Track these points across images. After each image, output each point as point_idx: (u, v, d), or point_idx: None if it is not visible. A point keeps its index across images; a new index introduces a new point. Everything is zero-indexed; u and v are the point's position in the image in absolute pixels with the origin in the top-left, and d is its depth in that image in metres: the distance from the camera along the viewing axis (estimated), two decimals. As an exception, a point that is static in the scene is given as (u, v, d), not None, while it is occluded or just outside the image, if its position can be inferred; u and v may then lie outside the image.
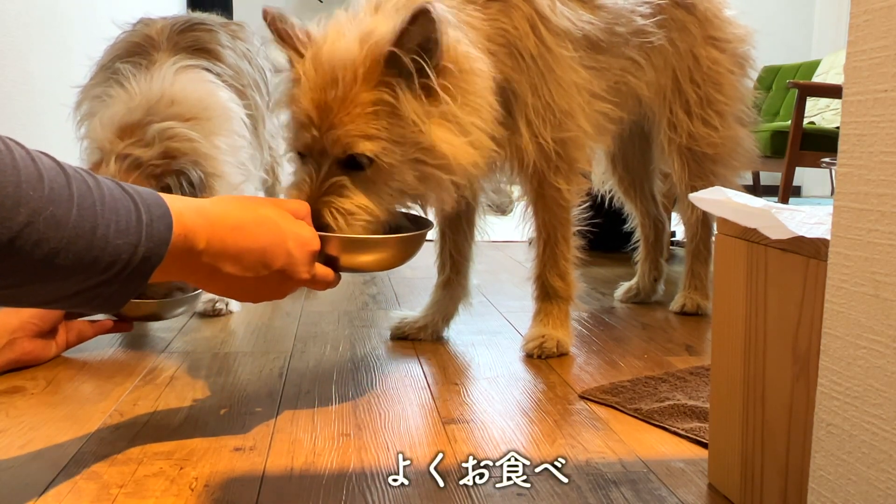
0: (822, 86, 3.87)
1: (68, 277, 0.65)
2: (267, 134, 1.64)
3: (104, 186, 0.68)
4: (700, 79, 1.49)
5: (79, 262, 0.64)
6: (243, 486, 0.78)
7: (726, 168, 1.55)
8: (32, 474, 0.80)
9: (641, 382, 1.10)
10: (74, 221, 0.63)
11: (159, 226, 0.71)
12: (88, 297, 0.68)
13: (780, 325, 0.67)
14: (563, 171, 1.26)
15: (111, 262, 0.66)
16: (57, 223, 0.62)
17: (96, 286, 0.67)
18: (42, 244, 0.61)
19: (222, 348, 1.29)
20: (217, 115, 1.37)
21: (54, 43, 2.23)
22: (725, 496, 0.77)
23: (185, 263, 0.76)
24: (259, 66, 1.64)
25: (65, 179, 0.64)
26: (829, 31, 5.46)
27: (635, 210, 1.74)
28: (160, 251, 0.71)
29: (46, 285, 0.65)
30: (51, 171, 0.63)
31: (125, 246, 0.67)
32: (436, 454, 0.86)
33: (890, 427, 0.46)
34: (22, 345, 1.14)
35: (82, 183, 0.65)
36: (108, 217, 0.66)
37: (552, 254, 1.30)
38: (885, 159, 0.45)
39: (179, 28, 1.46)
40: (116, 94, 1.32)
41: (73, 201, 0.63)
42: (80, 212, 0.64)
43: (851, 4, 0.47)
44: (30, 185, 0.60)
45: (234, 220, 0.81)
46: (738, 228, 0.72)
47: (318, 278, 0.91)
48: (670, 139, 1.51)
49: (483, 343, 1.35)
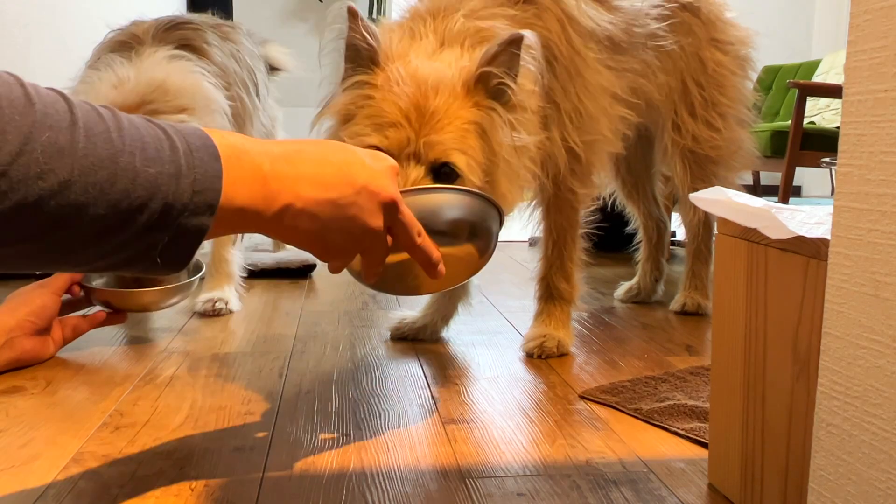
0: (822, 86, 3.87)
1: (100, 220, 0.54)
2: (255, 133, 1.65)
3: (119, 114, 0.57)
4: (704, 81, 1.50)
5: (104, 198, 0.53)
6: (243, 486, 0.78)
7: (727, 170, 1.56)
8: (32, 474, 0.80)
9: (641, 382, 1.10)
10: (84, 148, 0.52)
11: (202, 154, 0.59)
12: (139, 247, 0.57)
13: (780, 325, 0.67)
14: (578, 175, 1.27)
15: (147, 197, 0.55)
16: (60, 150, 0.51)
17: (144, 233, 0.56)
18: (47, 175, 0.50)
19: (222, 348, 1.29)
20: (204, 105, 1.38)
21: (54, 43, 2.23)
22: (725, 496, 0.77)
23: (252, 195, 0.62)
24: (249, 67, 1.64)
25: (65, 105, 0.53)
26: (829, 31, 5.46)
27: (637, 212, 1.75)
28: (213, 184, 0.59)
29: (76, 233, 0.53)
30: (46, 97, 0.53)
31: (162, 177, 0.56)
32: (436, 454, 0.86)
33: (890, 427, 0.46)
34: (21, 343, 1.14)
35: (90, 111, 0.55)
36: (130, 144, 0.55)
37: (559, 255, 1.30)
38: (885, 159, 0.45)
39: (165, 27, 1.47)
40: (103, 76, 1.33)
41: (77, 126, 0.53)
42: (91, 138, 0.53)
43: (851, 4, 0.47)
44: (14, 108, 0.50)
45: (294, 144, 0.69)
46: (738, 228, 0.72)
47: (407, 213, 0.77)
48: (674, 141, 1.52)
49: (483, 343, 1.35)
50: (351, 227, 0.70)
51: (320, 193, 0.67)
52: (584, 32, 1.22)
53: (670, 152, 1.53)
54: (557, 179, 1.26)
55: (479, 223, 0.93)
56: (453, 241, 0.89)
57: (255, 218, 0.64)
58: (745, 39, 1.57)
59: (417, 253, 0.80)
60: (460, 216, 0.91)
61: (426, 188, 0.92)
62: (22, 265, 0.55)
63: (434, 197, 0.90)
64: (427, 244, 0.80)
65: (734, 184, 1.58)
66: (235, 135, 0.65)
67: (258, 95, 1.67)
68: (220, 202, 0.59)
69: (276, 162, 0.65)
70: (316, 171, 0.67)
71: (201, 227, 0.59)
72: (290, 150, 0.67)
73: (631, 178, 1.72)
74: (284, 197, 0.65)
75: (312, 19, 5.81)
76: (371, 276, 0.80)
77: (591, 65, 1.24)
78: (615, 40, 1.29)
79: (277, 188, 0.64)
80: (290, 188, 0.65)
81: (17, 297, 1.19)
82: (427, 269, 0.82)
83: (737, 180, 1.61)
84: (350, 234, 0.71)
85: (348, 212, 0.69)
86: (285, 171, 0.65)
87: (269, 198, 0.64)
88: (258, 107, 1.67)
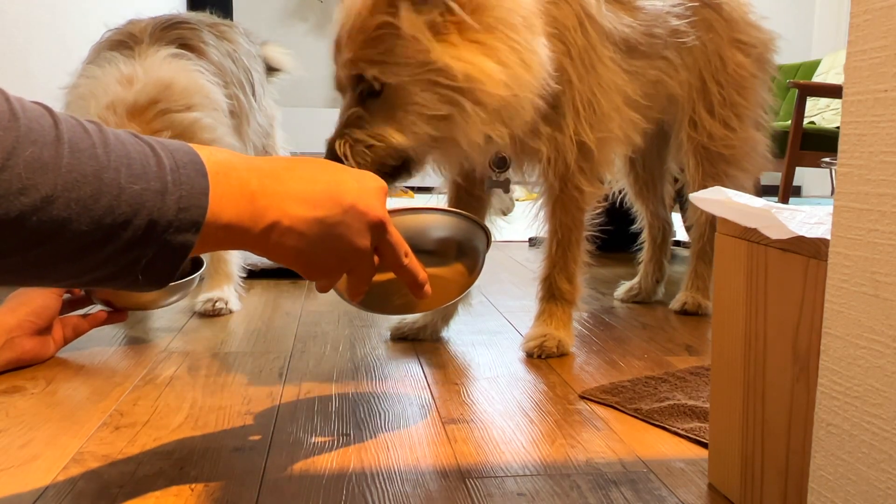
0: (822, 86, 3.87)
1: (83, 236, 0.54)
2: (252, 132, 1.65)
3: (106, 130, 0.57)
4: (724, 80, 1.51)
5: (87, 214, 0.53)
6: (243, 486, 0.78)
7: (739, 170, 1.56)
8: (32, 474, 0.80)
9: (641, 382, 1.10)
10: (68, 164, 0.52)
11: (188, 171, 0.59)
12: (122, 263, 0.57)
13: (780, 325, 0.67)
14: (586, 173, 1.26)
15: (132, 213, 0.55)
16: (43, 165, 0.51)
17: (127, 249, 0.56)
18: (29, 191, 0.50)
19: (222, 348, 1.29)
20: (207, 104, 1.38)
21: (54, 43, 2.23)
22: (725, 496, 0.77)
23: (239, 212, 0.62)
24: (245, 66, 1.64)
25: (51, 120, 0.53)
26: (829, 31, 5.46)
27: (645, 211, 1.75)
28: (199, 201, 0.59)
29: (59, 249, 0.53)
30: (31, 112, 0.52)
31: (148, 193, 0.56)
32: (436, 454, 0.86)
33: (890, 427, 0.46)
34: (21, 343, 1.14)
35: (76, 126, 0.55)
36: (115, 161, 0.55)
37: (563, 256, 1.30)
38: (885, 159, 0.45)
39: (162, 26, 1.48)
40: (107, 71, 1.33)
41: (61, 141, 0.53)
42: (75, 153, 0.53)
43: (851, 4, 0.47)
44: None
45: (283, 161, 0.68)
46: (738, 228, 0.72)
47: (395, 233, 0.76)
48: (690, 137, 1.53)
49: (483, 343, 1.35)
50: (338, 246, 0.70)
51: (308, 212, 0.67)
52: (601, 31, 1.22)
53: (685, 148, 1.54)
54: (565, 177, 1.25)
55: (466, 243, 0.93)
56: (441, 261, 0.90)
57: (242, 235, 0.64)
58: (767, 42, 1.57)
59: (404, 274, 0.80)
60: (448, 235, 0.91)
61: (414, 209, 0.90)
62: (4, 280, 0.55)
63: (422, 217, 0.89)
64: (414, 265, 0.80)
65: (745, 185, 1.57)
66: (224, 151, 0.65)
67: (254, 95, 1.67)
68: (206, 219, 0.59)
69: (265, 179, 0.65)
70: (304, 189, 0.67)
71: (186, 243, 0.59)
72: (279, 168, 0.67)
73: (644, 175, 1.72)
74: (272, 214, 0.65)
75: (312, 19, 5.81)
76: (356, 295, 0.80)
77: (606, 62, 1.23)
78: (631, 43, 1.29)
79: (265, 205, 0.64)
80: (278, 205, 0.65)
81: (18, 296, 1.19)
82: (413, 290, 0.82)
83: (748, 183, 1.59)
84: (337, 253, 0.71)
85: (336, 231, 0.69)
86: (273, 189, 0.65)
87: (257, 215, 0.64)
88: (254, 106, 1.67)
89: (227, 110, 1.46)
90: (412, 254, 0.80)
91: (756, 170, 1.62)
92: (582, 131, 1.21)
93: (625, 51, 1.28)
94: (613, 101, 1.25)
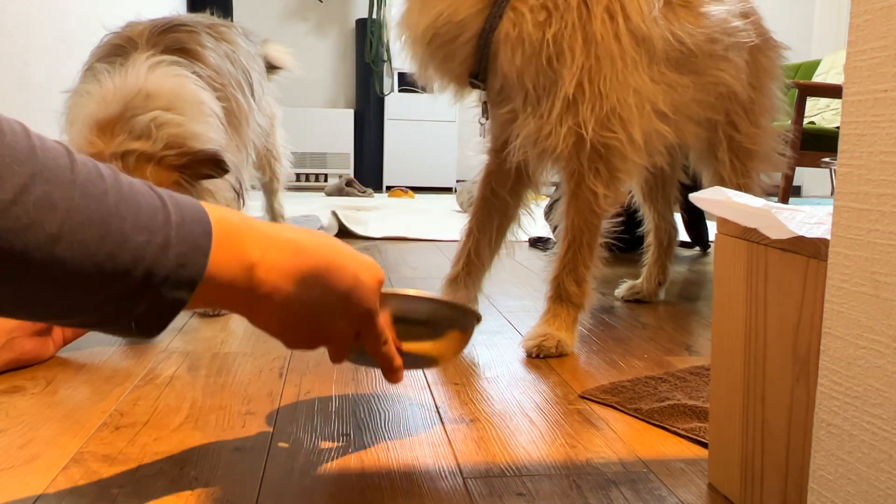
0: (822, 86, 3.87)
1: (81, 279, 0.54)
2: (252, 133, 1.64)
3: (121, 177, 0.57)
4: (754, 82, 1.54)
5: (89, 258, 0.53)
6: (243, 487, 0.78)
7: (765, 165, 1.61)
8: (32, 474, 0.80)
9: (641, 382, 1.10)
10: (78, 206, 0.53)
11: (193, 229, 0.59)
12: (113, 311, 0.57)
13: (780, 325, 0.67)
14: (602, 177, 1.25)
15: (132, 263, 0.55)
16: (53, 204, 0.52)
17: (121, 298, 0.56)
18: (36, 228, 0.51)
19: (222, 348, 1.29)
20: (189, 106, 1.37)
21: (54, 43, 2.23)
22: (725, 496, 0.77)
23: (235, 278, 0.63)
24: (243, 67, 1.64)
25: (67, 161, 0.54)
26: (829, 31, 5.46)
27: (653, 213, 1.75)
28: (198, 260, 0.59)
29: (56, 286, 0.54)
30: (49, 150, 0.53)
31: (150, 246, 0.56)
32: (436, 454, 0.86)
33: (890, 427, 0.46)
34: (21, 344, 1.14)
35: (92, 170, 0.55)
36: (124, 209, 0.55)
37: (573, 258, 1.29)
38: (885, 159, 0.45)
39: (160, 29, 1.47)
40: (91, 90, 1.32)
41: (75, 183, 0.53)
42: (86, 197, 0.54)
43: (851, 4, 0.47)
44: (15, 159, 0.50)
45: (290, 233, 0.69)
46: (738, 228, 0.72)
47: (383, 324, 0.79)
48: (728, 135, 1.55)
49: (483, 343, 1.35)
50: (320, 327, 0.72)
51: (301, 293, 0.68)
52: (634, 33, 1.21)
53: (724, 146, 1.56)
54: (578, 177, 1.25)
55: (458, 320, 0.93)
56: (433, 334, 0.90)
57: (233, 299, 0.65)
58: (780, 47, 1.63)
59: (380, 359, 0.82)
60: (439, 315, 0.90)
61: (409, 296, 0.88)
62: None
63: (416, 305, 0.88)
64: (391, 352, 0.82)
65: (762, 181, 1.63)
66: (235, 213, 0.66)
67: (253, 95, 1.67)
68: (202, 278, 0.60)
69: (268, 251, 0.66)
70: (303, 268, 0.68)
71: (179, 300, 0.59)
72: (283, 240, 0.68)
73: (654, 178, 1.72)
74: (265, 288, 0.66)
75: (312, 19, 5.81)
76: (336, 362, 0.81)
77: (631, 63, 1.22)
78: (673, 56, 1.29)
79: (261, 278, 0.65)
80: (273, 281, 0.66)
81: (18, 297, 1.19)
82: (386, 375, 0.84)
83: (767, 179, 1.65)
84: (317, 332, 0.73)
85: (323, 315, 0.71)
86: (273, 261, 0.66)
87: (252, 285, 0.65)
88: (253, 107, 1.67)
89: (220, 113, 1.46)
90: (391, 341, 0.82)
91: (776, 167, 1.65)
92: (583, 122, 1.20)
93: (664, 62, 1.28)
94: (630, 103, 1.23)
